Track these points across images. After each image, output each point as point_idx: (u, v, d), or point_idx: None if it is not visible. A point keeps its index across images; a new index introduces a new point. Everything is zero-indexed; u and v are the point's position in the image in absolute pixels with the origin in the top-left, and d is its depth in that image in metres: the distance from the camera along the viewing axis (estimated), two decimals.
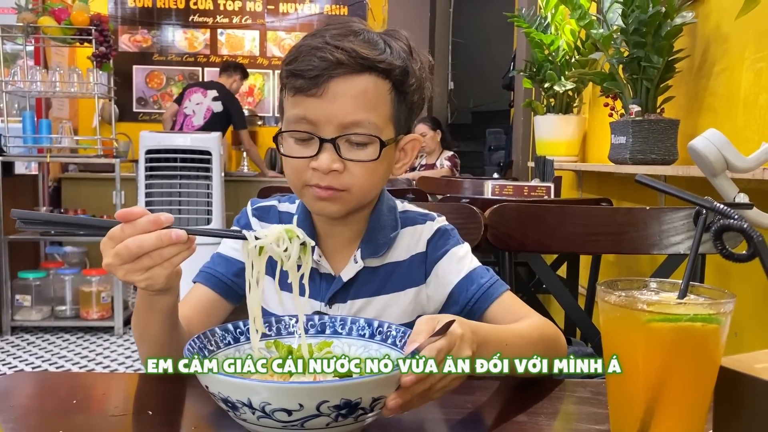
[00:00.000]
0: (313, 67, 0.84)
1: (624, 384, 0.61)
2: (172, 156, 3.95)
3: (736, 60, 1.79)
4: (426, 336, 0.66)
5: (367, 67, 0.85)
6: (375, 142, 0.87)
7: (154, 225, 0.70)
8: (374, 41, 0.88)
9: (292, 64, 0.87)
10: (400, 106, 0.90)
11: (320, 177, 0.87)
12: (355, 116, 0.85)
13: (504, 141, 6.02)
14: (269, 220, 1.01)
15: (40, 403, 0.77)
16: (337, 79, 0.84)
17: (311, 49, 0.85)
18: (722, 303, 0.57)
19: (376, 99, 0.87)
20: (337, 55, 0.84)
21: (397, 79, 0.88)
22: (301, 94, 0.86)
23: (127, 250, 0.69)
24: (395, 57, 0.88)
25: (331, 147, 0.86)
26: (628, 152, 2.03)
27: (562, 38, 3.04)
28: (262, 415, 0.58)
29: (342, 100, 0.85)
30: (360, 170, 0.88)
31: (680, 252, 1.34)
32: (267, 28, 6.19)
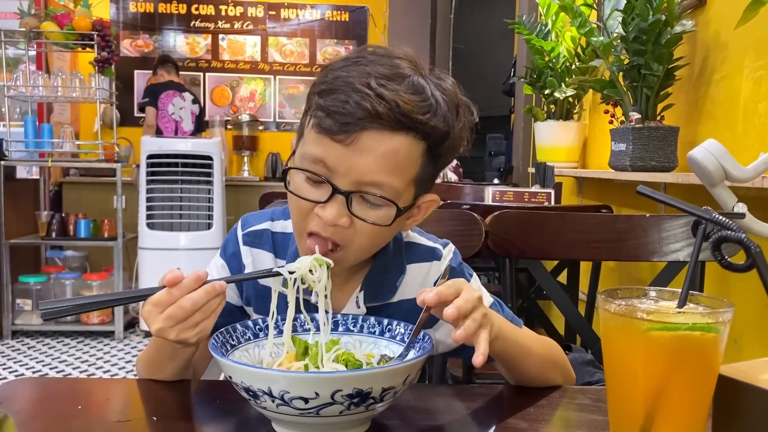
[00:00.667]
0: (347, 112, 0.74)
1: (624, 392, 0.62)
2: (173, 161, 3.96)
3: (736, 68, 1.80)
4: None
5: (406, 125, 0.75)
6: (391, 206, 0.78)
7: (197, 282, 0.73)
8: (421, 91, 0.77)
9: (325, 97, 0.76)
10: (429, 167, 0.81)
11: (323, 226, 0.78)
12: (377, 177, 0.76)
13: (504, 146, 6.04)
14: (262, 247, 0.93)
15: (44, 408, 0.78)
16: (370, 132, 0.74)
17: (350, 88, 0.75)
18: (721, 312, 0.57)
19: (405, 162, 0.77)
20: (377, 106, 0.73)
21: (433, 142, 0.79)
22: (326, 136, 0.76)
23: (182, 311, 0.71)
24: (439, 118, 0.77)
25: (342, 199, 0.77)
26: (628, 159, 2.04)
27: (562, 45, 3.05)
28: (281, 403, 0.63)
29: (369, 155, 0.75)
30: (367, 230, 0.79)
31: (680, 259, 1.35)
32: (268, 33, 6.21)
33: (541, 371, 0.87)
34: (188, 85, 6.11)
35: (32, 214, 4.39)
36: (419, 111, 0.75)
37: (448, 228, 1.34)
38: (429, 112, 0.76)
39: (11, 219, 4.15)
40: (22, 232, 4.30)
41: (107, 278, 4.20)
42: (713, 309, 0.59)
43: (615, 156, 2.16)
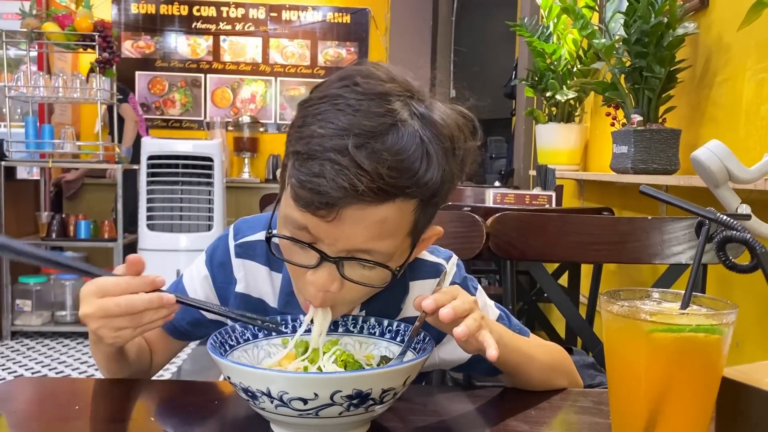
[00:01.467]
0: (324, 192, 0.66)
1: (626, 394, 0.61)
2: (174, 162, 3.96)
3: (738, 70, 1.79)
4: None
5: (392, 194, 0.68)
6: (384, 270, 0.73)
7: (146, 287, 0.70)
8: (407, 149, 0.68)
9: (301, 162, 0.68)
10: (424, 216, 0.74)
11: (314, 293, 0.73)
12: (366, 245, 0.70)
13: (505, 149, 6.04)
14: (257, 259, 0.87)
15: (41, 409, 0.77)
16: (352, 207, 0.67)
17: (325, 159, 0.66)
18: (724, 314, 0.57)
19: (396, 226, 0.71)
20: (356, 182, 0.65)
21: (427, 196, 0.71)
22: (306, 211, 0.69)
23: (117, 308, 0.69)
24: (431, 173, 0.69)
25: (332, 265, 0.72)
26: (629, 161, 2.03)
27: (563, 47, 3.05)
28: (280, 404, 0.62)
29: (354, 227, 0.69)
30: (361, 291, 0.75)
31: (682, 262, 1.34)
32: (270, 35, 6.21)
33: (545, 378, 0.86)
34: (189, 87, 6.11)
35: (32, 215, 4.39)
36: (407, 176, 0.68)
37: (449, 229, 1.33)
38: (418, 173, 0.68)
39: (11, 219, 4.15)
40: (23, 232, 4.29)
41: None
42: (717, 311, 0.59)
43: (616, 158, 2.16)
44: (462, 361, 0.89)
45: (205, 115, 6.13)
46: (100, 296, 0.70)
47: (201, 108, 6.14)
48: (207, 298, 0.89)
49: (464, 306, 0.70)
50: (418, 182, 0.68)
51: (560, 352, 0.92)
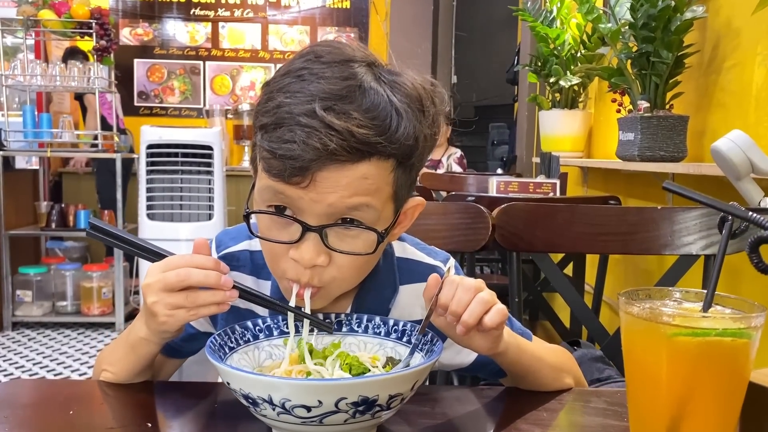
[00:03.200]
0: (295, 155, 0.64)
1: (646, 399, 0.58)
2: (174, 151, 3.91)
3: (748, 55, 1.75)
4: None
5: (367, 153, 0.66)
6: (371, 232, 0.70)
7: (212, 264, 0.69)
8: (376, 106, 0.67)
9: (269, 133, 0.67)
10: (405, 179, 0.72)
11: (299, 272, 0.70)
12: (350, 202, 0.67)
13: (507, 136, 6.00)
14: (241, 269, 0.84)
15: (34, 414, 0.74)
16: (328, 168, 0.65)
17: (294, 122, 0.65)
18: (753, 317, 0.54)
19: (376, 183, 0.69)
20: (328, 142, 0.64)
21: (403, 156, 0.70)
22: (279, 180, 0.67)
23: (176, 278, 0.68)
24: (402, 132, 0.68)
25: (316, 236, 0.69)
26: (636, 149, 1.99)
27: (567, 32, 3.00)
28: (282, 411, 0.59)
29: (331, 190, 0.66)
30: (348, 263, 0.72)
31: (692, 253, 1.31)
32: (268, 21, 6.14)
33: (554, 378, 0.83)
34: (188, 74, 6.06)
35: (32, 205, 4.36)
36: (379, 132, 0.66)
37: (453, 221, 1.30)
38: (389, 131, 0.67)
39: (10, 210, 4.12)
40: (22, 222, 4.26)
41: (107, 269, 4.17)
42: (744, 313, 0.56)
43: (623, 146, 2.12)
44: (464, 365, 0.86)
45: (204, 102, 6.07)
46: (163, 270, 0.69)
47: (200, 96, 6.09)
48: None
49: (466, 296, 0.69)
50: (390, 138, 0.67)
51: (565, 354, 0.90)
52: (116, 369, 0.80)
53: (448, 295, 0.69)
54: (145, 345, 0.76)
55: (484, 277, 3.35)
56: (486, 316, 0.68)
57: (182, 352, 0.88)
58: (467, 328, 0.68)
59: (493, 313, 0.68)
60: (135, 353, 0.77)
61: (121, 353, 0.79)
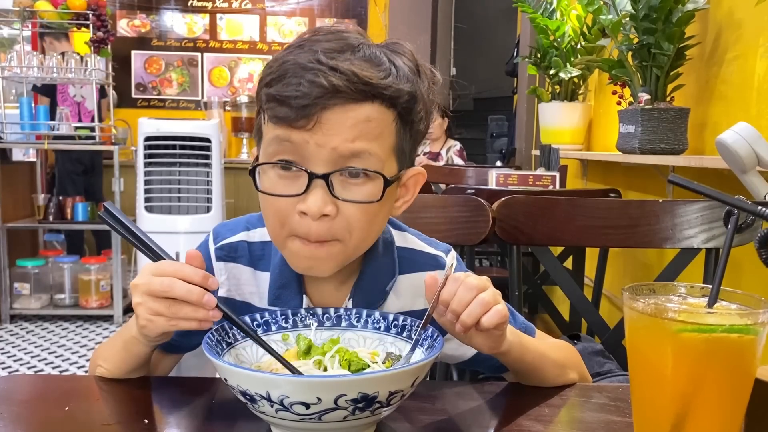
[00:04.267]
0: (301, 94, 0.67)
1: (650, 396, 0.58)
2: (172, 143, 3.90)
3: (750, 47, 1.74)
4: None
5: (370, 94, 0.69)
6: (377, 179, 0.71)
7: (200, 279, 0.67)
8: (377, 58, 0.71)
9: (274, 85, 0.69)
10: (405, 136, 0.74)
11: (308, 225, 0.70)
12: (354, 147, 0.69)
13: (506, 128, 5.98)
14: (238, 260, 0.84)
15: (29, 410, 0.73)
16: (333, 109, 0.68)
17: (299, 69, 0.68)
18: (760, 313, 0.52)
19: (379, 129, 0.71)
20: (333, 79, 0.67)
21: (403, 108, 0.72)
22: (285, 126, 0.69)
23: (159, 286, 0.67)
24: (402, 80, 0.71)
25: (323, 184, 0.69)
26: (636, 141, 1.98)
27: (567, 24, 2.98)
28: (281, 408, 0.59)
29: (337, 132, 0.68)
30: (357, 214, 0.71)
31: (694, 246, 1.30)
32: (267, 12, 6.11)
33: (558, 374, 0.82)
34: (186, 66, 6.02)
35: (29, 197, 4.34)
36: (380, 75, 0.70)
37: (453, 214, 1.29)
38: (390, 76, 0.70)
39: (8, 202, 4.10)
40: (19, 215, 4.25)
41: (105, 262, 4.16)
42: (751, 308, 0.55)
43: (623, 138, 2.11)
44: (465, 357, 0.86)
45: (202, 94, 6.04)
46: (153, 273, 0.68)
47: (198, 88, 6.06)
48: None
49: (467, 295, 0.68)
50: (391, 83, 0.70)
51: (569, 348, 0.89)
52: (110, 365, 0.79)
53: (450, 293, 0.68)
54: (136, 344, 0.75)
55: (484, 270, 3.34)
56: (484, 317, 0.67)
57: (180, 348, 0.87)
58: (465, 327, 0.68)
59: (491, 314, 0.67)
60: (127, 351, 0.76)
61: (115, 349, 0.79)
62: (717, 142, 0.76)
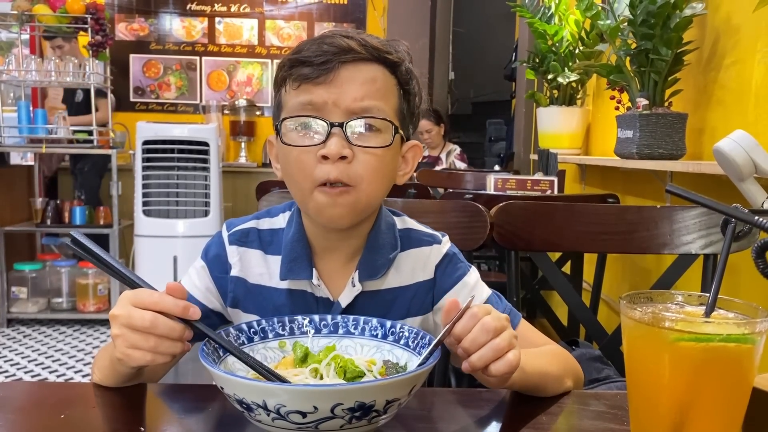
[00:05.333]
0: (321, 52, 0.80)
1: (648, 405, 0.57)
2: (170, 147, 3.89)
3: (748, 52, 1.74)
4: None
5: (377, 57, 0.83)
6: (386, 129, 0.83)
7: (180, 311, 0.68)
8: (382, 39, 0.86)
9: (297, 54, 0.83)
10: (404, 104, 0.87)
11: (328, 169, 0.79)
12: (365, 102, 0.81)
13: (505, 132, 5.97)
14: (249, 245, 0.91)
15: (24, 418, 0.73)
16: (347, 66, 0.81)
17: (318, 39, 0.82)
18: (758, 322, 0.52)
19: (386, 89, 0.84)
20: (348, 41, 0.81)
21: (402, 77, 0.86)
22: (307, 83, 0.81)
23: (140, 321, 0.67)
24: (401, 55, 0.86)
25: (340, 131, 0.80)
26: (635, 146, 1.98)
27: (566, 29, 2.98)
28: (277, 417, 0.59)
29: (352, 84, 0.81)
30: (370, 160, 0.81)
31: (692, 252, 1.30)
32: (265, 16, 6.11)
33: (557, 387, 0.82)
34: (184, 70, 6.02)
35: (27, 201, 4.33)
36: (384, 44, 0.84)
37: (451, 220, 1.29)
38: (392, 50, 0.84)
39: (5, 206, 4.09)
40: (17, 219, 4.24)
41: None
42: (749, 317, 0.55)
43: (621, 143, 2.11)
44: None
45: (200, 98, 6.04)
46: (133, 303, 0.68)
47: (196, 91, 6.05)
48: (207, 290, 0.91)
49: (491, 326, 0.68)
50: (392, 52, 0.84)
51: (563, 354, 0.89)
52: (102, 376, 0.80)
53: (465, 329, 0.68)
54: (120, 365, 0.74)
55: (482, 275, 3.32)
56: (493, 366, 0.68)
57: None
58: (473, 368, 0.69)
59: (502, 364, 0.68)
60: (113, 369, 0.77)
61: (105, 363, 0.79)
62: (714, 150, 0.76)
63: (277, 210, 0.95)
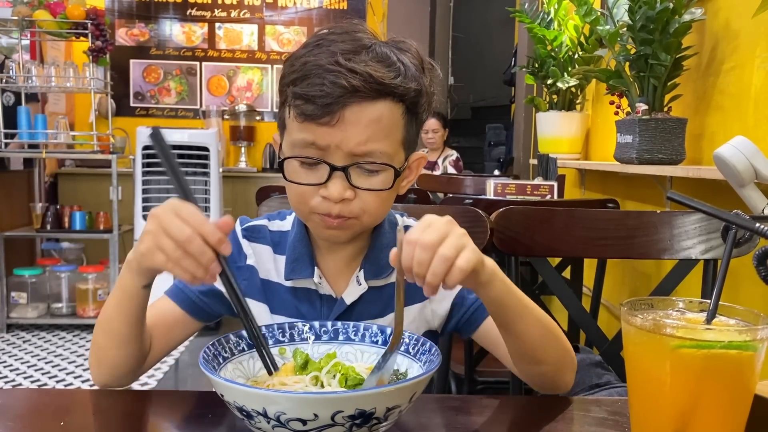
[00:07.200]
0: (325, 93, 0.77)
1: (649, 412, 0.57)
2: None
3: (747, 57, 1.74)
4: None
5: (383, 93, 0.80)
6: (388, 170, 0.83)
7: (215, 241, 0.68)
8: (387, 58, 0.81)
9: (299, 84, 0.80)
10: (411, 127, 0.86)
11: (329, 206, 0.82)
12: (368, 146, 0.80)
13: (504, 137, 5.99)
14: (260, 241, 0.95)
15: (25, 425, 0.73)
16: (351, 107, 0.78)
17: (322, 70, 0.78)
18: (759, 329, 0.52)
19: (390, 126, 0.82)
20: (353, 81, 0.77)
21: (411, 102, 0.84)
22: (310, 122, 0.79)
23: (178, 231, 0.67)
24: (410, 78, 0.82)
25: (342, 175, 0.81)
26: (634, 151, 1.98)
27: (565, 34, 2.99)
28: (277, 425, 0.59)
29: (355, 128, 0.79)
30: (371, 198, 0.83)
31: (692, 257, 1.30)
32: (265, 22, 6.12)
33: (541, 335, 0.82)
34: (184, 75, 6.03)
35: (27, 206, 4.33)
36: (392, 74, 0.80)
37: None
38: (400, 76, 0.81)
39: (5, 211, 4.09)
40: (17, 224, 4.24)
41: (103, 271, 4.15)
42: (750, 324, 0.55)
43: (620, 148, 2.11)
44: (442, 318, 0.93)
45: (200, 103, 6.04)
46: (176, 213, 0.69)
47: (197, 96, 6.06)
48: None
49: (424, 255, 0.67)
50: (401, 81, 0.81)
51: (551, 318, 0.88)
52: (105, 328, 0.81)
53: (408, 257, 0.68)
54: (128, 275, 0.76)
55: None
56: (447, 279, 0.67)
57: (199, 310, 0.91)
58: (433, 288, 0.68)
59: (454, 273, 0.67)
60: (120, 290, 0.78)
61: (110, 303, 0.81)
62: (714, 156, 0.76)
63: (285, 213, 0.98)
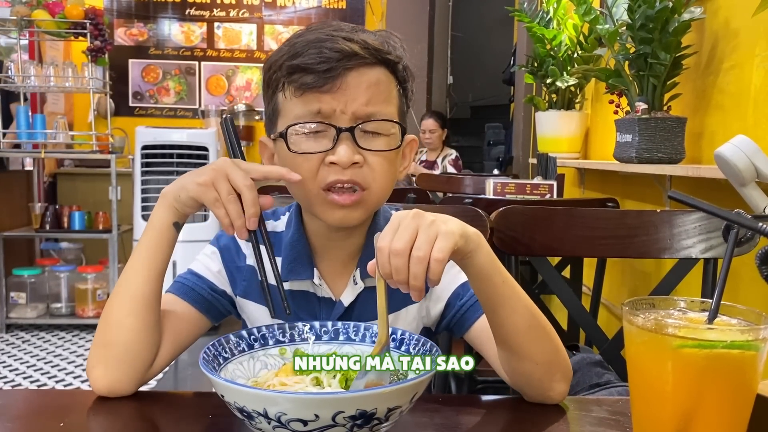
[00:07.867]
0: (325, 59, 0.78)
1: (651, 411, 0.57)
2: (169, 152, 3.89)
3: (746, 56, 1.74)
4: None
5: (379, 59, 0.82)
6: (393, 131, 0.83)
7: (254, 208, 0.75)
8: (379, 35, 0.85)
9: (296, 59, 0.80)
10: (402, 102, 0.88)
11: (339, 172, 0.80)
12: (371, 108, 0.81)
13: (503, 136, 5.98)
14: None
15: (24, 426, 0.72)
16: (352, 71, 0.79)
17: (315, 42, 0.79)
18: (761, 328, 0.52)
19: (388, 91, 0.84)
20: (351, 45, 0.79)
21: (401, 76, 0.86)
22: (311, 91, 0.79)
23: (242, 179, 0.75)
24: (399, 52, 0.85)
25: (349, 136, 0.80)
26: (634, 151, 1.98)
27: (564, 33, 2.99)
28: (278, 425, 0.59)
29: (356, 90, 0.80)
30: (380, 162, 0.82)
31: (692, 256, 1.29)
32: (264, 21, 6.12)
33: (529, 325, 0.77)
34: (183, 75, 6.03)
35: (26, 206, 4.32)
36: (385, 49, 0.83)
37: None
38: (391, 49, 0.84)
39: (4, 211, 4.09)
40: (16, 224, 4.23)
41: (102, 271, 4.15)
42: (752, 324, 0.54)
43: (620, 147, 2.11)
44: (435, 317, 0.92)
45: (199, 103, 6.04)
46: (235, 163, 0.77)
47: (195, 96, 6.06)
48: (219, 273, 0.92)
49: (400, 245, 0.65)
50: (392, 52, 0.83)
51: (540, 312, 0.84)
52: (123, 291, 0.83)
53: (385, 266, 0.66)
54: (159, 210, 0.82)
55: None
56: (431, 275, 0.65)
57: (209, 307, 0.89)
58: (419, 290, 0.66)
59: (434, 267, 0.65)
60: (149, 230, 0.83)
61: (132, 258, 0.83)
62: (715, 156, 0.76)
63: (280, 213, 0.96)
